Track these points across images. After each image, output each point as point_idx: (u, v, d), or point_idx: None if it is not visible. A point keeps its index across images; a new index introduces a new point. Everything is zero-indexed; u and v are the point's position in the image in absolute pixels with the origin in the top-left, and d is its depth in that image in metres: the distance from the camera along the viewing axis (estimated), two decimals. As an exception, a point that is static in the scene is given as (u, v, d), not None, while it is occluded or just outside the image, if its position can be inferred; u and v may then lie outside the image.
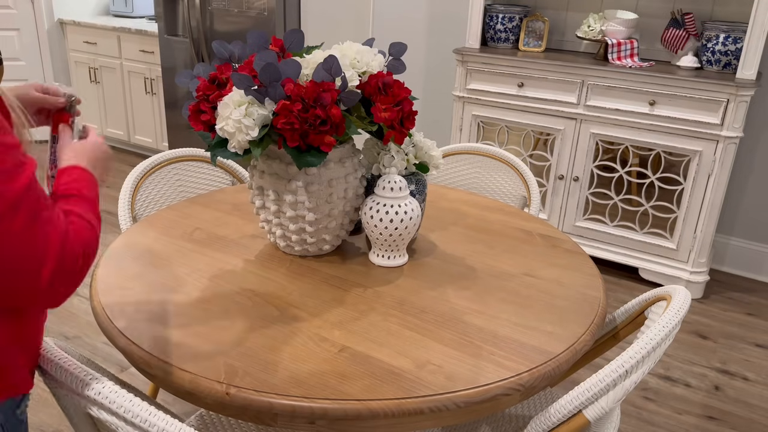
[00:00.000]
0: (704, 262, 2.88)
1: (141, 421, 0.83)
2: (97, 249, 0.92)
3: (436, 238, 1.57)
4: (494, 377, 1.04)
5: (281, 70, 1.21)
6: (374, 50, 1.37)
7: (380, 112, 1.28)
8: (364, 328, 1.17)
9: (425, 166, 1.50)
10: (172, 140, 4.20)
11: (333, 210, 1.35)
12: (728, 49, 2.72)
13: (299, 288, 1.31)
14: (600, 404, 1.04)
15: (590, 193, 3.04)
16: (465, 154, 2.23)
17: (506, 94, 3.07)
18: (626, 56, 2.94)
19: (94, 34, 4.44)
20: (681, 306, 1.15)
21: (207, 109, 1.29)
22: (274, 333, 1.15)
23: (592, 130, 2.92)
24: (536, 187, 2.03)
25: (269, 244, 1.50)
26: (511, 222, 1.69)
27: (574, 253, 1.52)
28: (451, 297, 1.30)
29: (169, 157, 1.98)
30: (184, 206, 1.72)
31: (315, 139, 1.22)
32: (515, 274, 1.40)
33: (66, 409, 0.97)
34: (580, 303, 1.30)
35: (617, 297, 2.91)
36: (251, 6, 3.52)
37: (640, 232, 2.98)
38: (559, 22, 3.26)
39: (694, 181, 2.77)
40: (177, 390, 1.04)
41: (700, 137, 2.70)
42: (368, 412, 0.97)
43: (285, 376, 1.03)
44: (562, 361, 1.11)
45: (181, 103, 4.03)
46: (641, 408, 2.19)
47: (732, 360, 2.49)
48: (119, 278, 1.33)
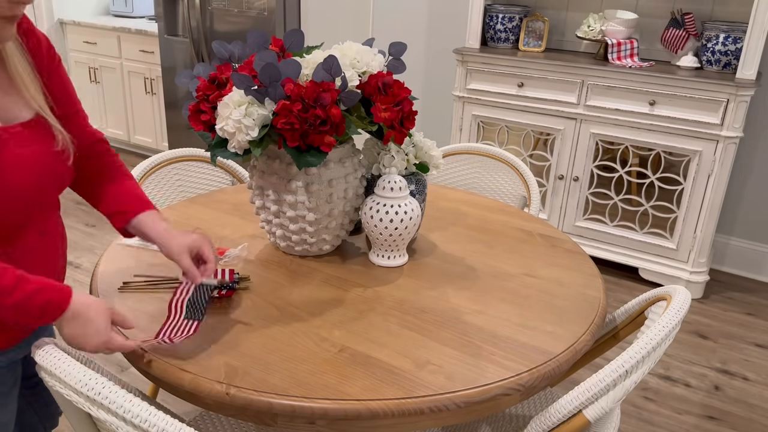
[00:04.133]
0: (704, 262, 2.88)
1: (141, 421, 0.83)
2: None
3: (436, 238, 1.57)
4: (494, 377, 1.04)
5: (281, 70, 1.21)
6: (374, 50, 1.37)
7: (380, 112, 1.28)
8: (364, 328, 1.17)
9: (425, 166, 1.50)
10: (172, 140, 4.20)
11: (333, 210, 1.35)
12: (728, 49, 2.72)
13: (299, 288, 1.31)
14: (600, 404, 1.04)
15: (590, 193, 3.04)
16: (465, 154, 2.23)
17: (506, 94, 3.07)
18: (626, 56, 2.94)
19: (94, 34, 4.44)
20: (681, 306, 1.15)
21: (207, 109, 1.29)
22: (274, 333, 1.15)
23: (592, 130, 2.92)
24: (536, 187, 2.03)
25: (269, 244, 1.50)
26: (511, 222, 1.69)
27: (574, 253, 1.52)
28: (451, 297, 1.30)
29: (169, 157, 1.98)
30: (184, 206, 1.72)
31: (315, 139, 1.22)
32: (515, 274, 1.40)
33: (66, 409, 0.97)
34: (580, 303, 1.30)
35: (617, 297, 2.91)
36: (251, 6, 3.52)
37: (640, 232, 2.98)
38: (559, 22, 3.26)
39: (694, 181, 2.77)
40: (177, 390, 1.04)
41: (700, 137, 2.70)
42: (368, 412, 0.97)
43: (285, 376, 1.03)
44: (562, 361, 1.11)
45: (181, 103, 4.03)
46: (641, 408, 2.19)
47: (732, 360, 2.49)
48: (119, 278, 1.33)
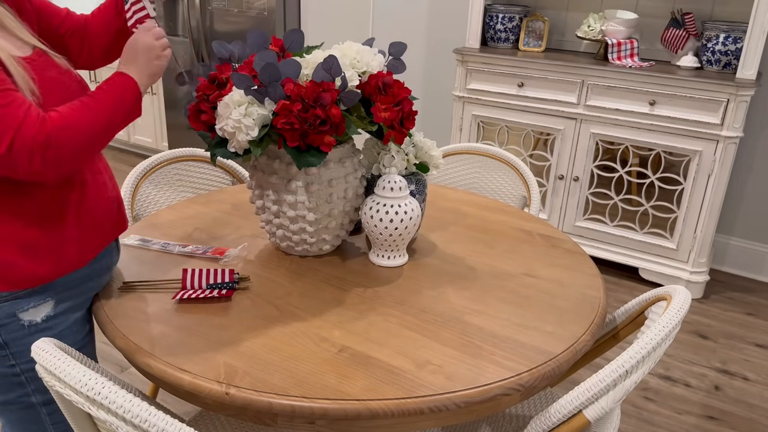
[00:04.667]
0: (704, 262, 2.88)
1: (141, 421, 0.83)
2: (72, 142, 1.03)
3: (436, 238, 1.57)
4: (494, 377, 1.04)
5: (281, 70, 1.21)
6: (374, 50, 1.37)
7: (380, 112, 1.28)
8: (364, 328, 1.17)
9: (425, 166, 1.50)
10: (172, 140, 4.20)
11: (333, 210, 1.35)
12: (728, 49, 2.72)
13: (299, 288, 1.31)
14: (600, 404, 1.04)
15: (590, 193, 3.04)
16: (465, 154, 2.23)
17: (506, 94, 3.07)
18: (626, 56, 2.94)
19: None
20: (681, 306, 1.15)
21: (207, 109, 1.29)
22: (274, 333, 1.15)
23: (592, 130, 2.92)
24: (536, 187, 2.03)
25: (269, 244, 1.50)
26: (511, 222, 1.69)
27: (574, 253, 1.52)
28: (451, 297, 1.30)
29: (169, 157, 1.98)
30: (184, 206, 1.72)
31: (315, 139, 1.22)
32: (515, 274, 1.40)
33: (66, 408, 0.97)
34: (580, 303, 1.30)
35: (617, 297, 2.91)
36: (251, 6, 3.52)
37: (640, 232, 2.98)
38: (559, 22, 3.26)
39: (694, 181, 2.77)
40: (177, 390, 1.04)
41: (700, 137, 2.70)
42: (368, 412, 0.97)
43: (285, 376, 1.03)
44: (562, 361, 1.11)
45: (181, 103, 4.03)
46: (641, 408, 2.19)
47: (732, 360, 2.49)
48: (119, 278, 1.33)
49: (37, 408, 1.19)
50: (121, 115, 1.13)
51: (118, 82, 1.13)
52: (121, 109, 1.12)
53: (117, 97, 1.12)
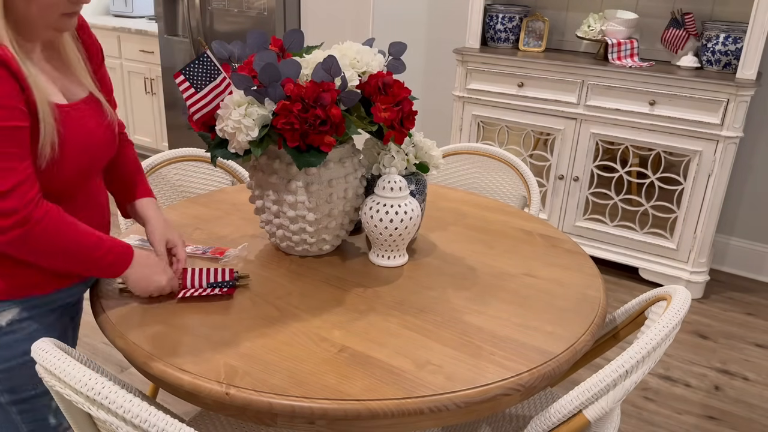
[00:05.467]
0: (704, 262, 2.88)
1: (141, 421, 0.83)
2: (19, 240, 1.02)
3: (436, 238, 1.57)
4: (494, 377, 1.04)
5: (281, 70, 1.21)
6: (374, 50, 1.37)
7: (380, 112, 1.28)
8: (364, 328, 1.17)
9: (425, 166, 1.50)
10: (172, 140, 4.20)
11: (333, 210, 1.35)
12: (728, 49, 2.72)
13: (299, 288, 1.31)
14: (600, 404, 1.04)
15: (590, 193, 3.04)
16: (465, 154, 2.23)
17: (506, 94, 3.07)
18: (626, 56, 2.94)
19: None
20: (681, 306, 1.15)
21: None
22: (274, 333, 1.15)
23: (592, 130, 2.92)
24: (536, 187, 2.03)
25: (269, 244, 1.50)
26: (511, 222, 1.69)
27: (574, 253, 1.52)
28: (451, 297, 1.30)
29: (169, 157, 1.98)
30: (184, 206, 1.72)
31: (315, 139, 1.22)
32: (515, 274, 1.40)
33: (66, 408, 0.97)
34: (580, 303, 1.30)
35: (617, 297, 2.91)
36: (251, 6, 3.52)
37: (640, 232, 2.98)
38: (559, 22, 3.26)
39: (694, 181, 2.77)
40: (177, 390, 1.04)
41: (700, 137, 2.70)
42: (368, 412, 0.97)
43: (285, 376, 1.03)
44: (562, 361, 1.11)
45: (181, 103, 4.03)
46: (641, 408, 2.19)
47: (732, 360, 2.49)
48: (119, 278, 1.33)
49: (6, 408, 1.17)
50: (94, 270, 1.14)
51: (118, 254, 1.16)
52: (95, 268, 1.14)
53: (103, 257, 1.13)
